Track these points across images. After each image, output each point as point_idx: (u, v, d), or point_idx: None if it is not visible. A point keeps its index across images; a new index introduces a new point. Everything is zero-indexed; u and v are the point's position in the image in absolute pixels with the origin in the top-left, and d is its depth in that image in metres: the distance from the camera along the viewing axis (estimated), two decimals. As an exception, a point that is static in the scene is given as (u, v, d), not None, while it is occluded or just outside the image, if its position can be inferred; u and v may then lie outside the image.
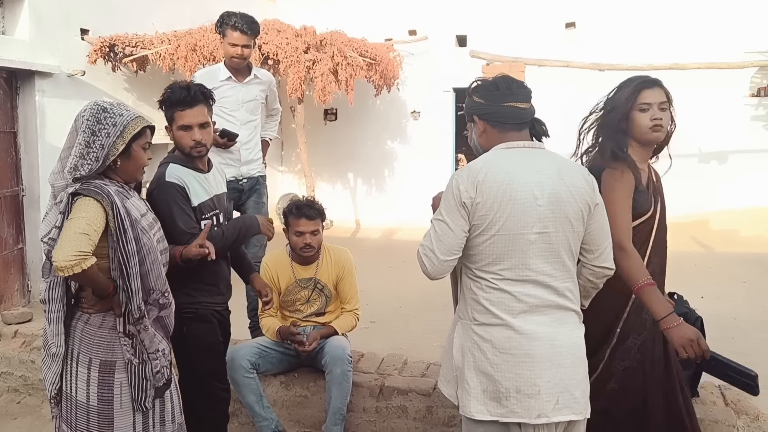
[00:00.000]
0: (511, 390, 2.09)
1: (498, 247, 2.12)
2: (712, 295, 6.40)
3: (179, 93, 2.73)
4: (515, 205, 2.10)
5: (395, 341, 5.33)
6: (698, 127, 9.75)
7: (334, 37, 8.63)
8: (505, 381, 2.10)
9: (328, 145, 11.26)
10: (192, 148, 2.77)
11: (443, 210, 2.17)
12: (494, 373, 2.11)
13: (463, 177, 2.15)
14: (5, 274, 6.72)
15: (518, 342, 2.10)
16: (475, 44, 9.87)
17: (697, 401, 3.19)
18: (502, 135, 2.27)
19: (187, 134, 2.75)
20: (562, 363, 2.11)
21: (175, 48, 7.64)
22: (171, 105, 2.74)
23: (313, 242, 3.48)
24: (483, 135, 2.32)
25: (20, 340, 4.32)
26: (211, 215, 2.84)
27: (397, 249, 9.61)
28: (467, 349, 2.18)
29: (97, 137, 2.24)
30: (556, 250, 2.15)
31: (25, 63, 6.62)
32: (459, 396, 2.20)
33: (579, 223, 2.18)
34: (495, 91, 2.28)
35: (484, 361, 2.13)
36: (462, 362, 2.19)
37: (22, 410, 4.04)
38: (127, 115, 2.33)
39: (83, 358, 2.29)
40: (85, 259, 2.07)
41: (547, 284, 2.14)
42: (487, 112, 2.28)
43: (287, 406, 3.64)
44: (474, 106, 2.32)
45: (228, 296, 3.00)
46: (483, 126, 2.30)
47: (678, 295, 3.32)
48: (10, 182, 6.83)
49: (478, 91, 2.32)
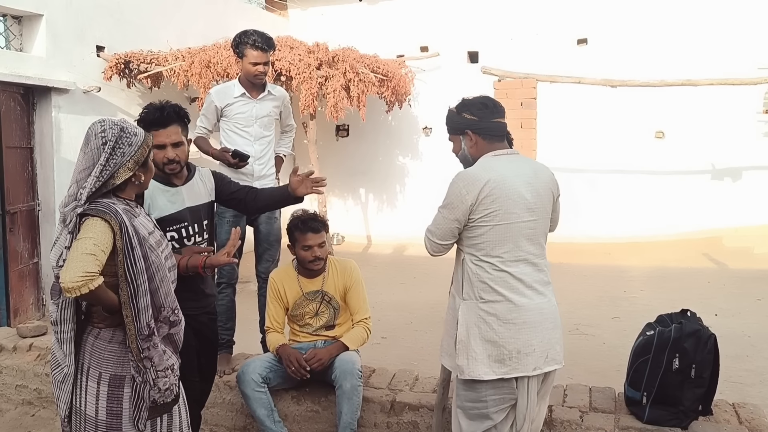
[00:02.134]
0: (513, 352, 2.59)
1: (497, 234, 2.59)
2: (726, 313, 6.36)
3: (153, 114, 2.87)
4: (508, 200, 2.59)
5: (406, 357, 5.32)
6: (711, 143, 9.72)
7: (346, 54, 8.70)
8: (509, 345, 2.58)
9: (340, 161, 11.31)
10: (165, 165, 2.92)
11: (447, 205, 2.65)
12: (499, 340, 2.59)
13: (467, 181, 2.61)
14: (20, 288, 6.79)
15: (518, 313, 2.60)
16: (487, 60, 9.91)
17: (710, 419, 3.16)
18: (489, 145, 2.74)
19: (161, 152, 2.89)
20: (547, 326, 2.65)
21: (189, 65, 7.73)
22: (146, 125, 2.84)
23: (321, 254, 3.52)
24: (474, 146, 2.76)
25: (35, 353, 4.35)
26: (177, 227, 2.96)
27: (409, 265, 9.61)
28: (473, 323, 2.62)
29: (113, 157, 2.27)
30: (538, 234, 2.68)
31: (41, 79, 6.72)
32: (463, 364, 2.63)
33: (551, 209, 2.76)
34: (485, 109, 2.74)
35: (489, 332, 2.60)
36: (467, 336, 2.63)
37: (36, 423, 4.05)
38: (140, 134, 2.37)
39: (93, 372, 2.29)
40: (92, 279, 2.08)
41: (533, 262, 2.65)
42: (479, 127, 2.73)
43: (298, 420, 3.64)
44: (466, 122, 2.75)
45: (202, 303, 3.05)
46: (475, 139, 2.75)
47: (691, 312, 3.31)
48: (26, 197, 6.91)
49: (468, 108, 2.76)
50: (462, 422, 2.73)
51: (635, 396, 3.21)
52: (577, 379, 4.09)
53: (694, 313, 3.30)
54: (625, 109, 9.73)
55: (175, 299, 2.43)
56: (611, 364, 4.75)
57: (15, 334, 4.62)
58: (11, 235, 6.54)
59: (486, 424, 2.67)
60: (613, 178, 10.00)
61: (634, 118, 9.86)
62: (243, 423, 3.77)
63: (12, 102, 6.57)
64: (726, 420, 3.17)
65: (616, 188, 10.00)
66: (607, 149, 9.95)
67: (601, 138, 9.96)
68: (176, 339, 2.46)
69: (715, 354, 3.13)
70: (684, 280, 8.01)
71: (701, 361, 3.07)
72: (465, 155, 2.81)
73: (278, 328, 3.64)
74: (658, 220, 9.77)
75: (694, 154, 9.80)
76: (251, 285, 5.75)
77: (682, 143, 9.86)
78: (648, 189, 9.94)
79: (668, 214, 9.80)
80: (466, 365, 2.63)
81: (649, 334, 3.25)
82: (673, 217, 9.75)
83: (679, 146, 9.88)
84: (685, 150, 9.83)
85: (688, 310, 3.32)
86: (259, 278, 4.31)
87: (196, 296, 3.01)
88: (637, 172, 10.02)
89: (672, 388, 3.07)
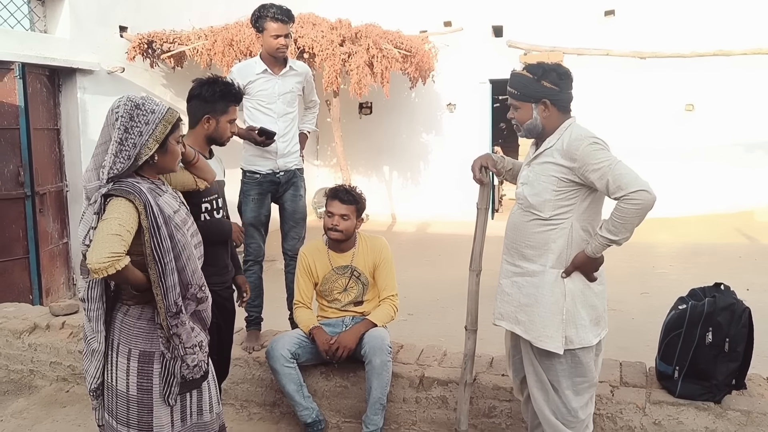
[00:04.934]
0: (603, 311, 2.71)
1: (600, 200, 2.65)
2: (759, 288, 6.26)
3: (233, 89, 3.02)
4: None
5: (433, 333, 5.32)
6: (743, 116, 9.50)
7: (369, 30, 8.63)
8: (601, 304, 2.70)
9: (364, 139, 11.27)
10: (227, 140, 3.09)
11: (610, 156, 2.52)
12: (598, 303, 2.68)
13: (600, 138, 2.58)
14: (51, 268, 6.90)
15: (602, 271, 2.68)
16: (512, 34, 9.77)
17: (743, 393, 3.11)
18: (562, 116, 2.68)
19: (231, 127, 3.06)
20: None
21: (212, 43, 7.73)
22: (229, 98, 2.99)
23: (340, 225, 3.50)
24: (549, 117, 2.68)
25: (68, 331, 4.41)
26: (211, 198, 3.04)
27: (434, 242, 9.60)
28: (578, 292, 2.64)
29: (130, 135, 2.23)
30: None
31: (66, 61, 6.77)
32: (572, 334, 2.62)
33: None
34: (566, 79, 2.66)
35: (592, 296, 2.66)
36: (574, 305, 2.63)
37: (71, 399, 4.13)
38: (159, 111, 2.30)
39: (123, 348, 2.31)
40: (119, 260, 2.09)
41: None
42: (559, 97, 2.65)
43: (327, 396, 3.66)
44: (545, 91, 2.64)
45: (226, 278, 3.13)
46: (551, 109, 2.66)
47: (725, 285, 3.25)
48: (55, 178, 7.00)
49: (548, 76, 2.64)
50: (572, 401, 2.69)
51: (667, 370, 3.16)
52: (606, 354, 4.04)
53: (728, 286, 3.24)
54: (654, 81, 9.54)
55: (202, 276, 2.44)
56: (641, 340, 4.70)
57: (48, 313, 4.69)
58: (41, 216, 6.64)
59: (591, 392, 2.74)
60: (641, 152, 9.82)
61: (664, 91, 9.67)
62: (273, 398, 3.80)
63: (38, 84, 6.63)
64: (760, 394, 3.12)
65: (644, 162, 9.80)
66: (636, 123, 9.78)
67: (629, 112, 9.79)
68: (204, 316, 2.47)
69: (750, 328, 3.07)
70: (715, 255, 7.89)
71: (735, 334, 3.01)
72: (535, 124, 2.71)
73: (307, 302, 3.65)
74: (688, 195, 9.60)
75: (725, 127, 9.59)
76: (278, 264, 5.77)
77: (713, 116, 9.65)
78: (677, 163, 9.76)
79: (698, 188, 9.63)
80: (575, 334, 2.63)
81: (681, 308, 3.19)
82: (703, 192, 9.58)
83: (710, 119, 9.67)
84: (715, 123, 9.63)
85: (722, 284, 3.25)
86: (285, 256, 4.31)
87: (219, 271, 3.04)
88: (667, 145, 9.83)
89: (705, 363, 3.02)
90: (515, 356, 2.95)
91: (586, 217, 2.65)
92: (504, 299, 2.83)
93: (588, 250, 2.60)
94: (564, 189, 2.61)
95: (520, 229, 2.75)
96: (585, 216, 2.65)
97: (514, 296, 2.78)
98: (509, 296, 2.80)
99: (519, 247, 2.75)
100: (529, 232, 2.70)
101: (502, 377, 3.43)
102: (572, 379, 2.70)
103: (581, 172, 2.55)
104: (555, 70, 2.67)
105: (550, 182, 2.63)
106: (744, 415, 2.98)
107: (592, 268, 2.65)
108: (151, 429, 2.30)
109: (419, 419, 3.54)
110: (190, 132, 3.05)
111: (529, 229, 2.70)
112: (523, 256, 2.74)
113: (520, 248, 2.75)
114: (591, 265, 2.64)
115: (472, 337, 3.14)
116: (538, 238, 2.68)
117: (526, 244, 2.72)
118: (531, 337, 2.71)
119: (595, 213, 2.67)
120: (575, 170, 2.57)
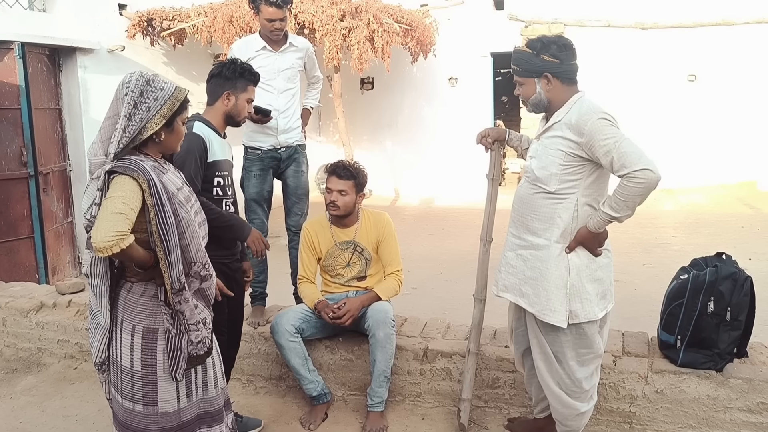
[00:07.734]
0: (610, 286, 2.75)
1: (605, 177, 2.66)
2: (761, 257, 6.28)
3: (253, 70, 3.16)
4: None
5: (437, 306, 5.36)
6: (746, 86, 9.44)
7: (369, 4, 8.56)
8: (608, 278, 2.73)
9: (366, 114, 11.24)
10: (243, 120, 3.23)
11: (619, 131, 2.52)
12: (604, 276, 2.71)
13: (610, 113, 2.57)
14: (57, 247, 6.94)
15: (608, 244, 2.72)
16: (513, 7, 9.68)
17: (745, 361, 3.14)
18: (568, 88, 2.67)
19: (249, 107, 3.21)
20: None
21: (212, 20, 7.67)
22: (249, 77, 3.11)
23: (338, 201, 3.51)
24: (552, 90, 2.67)
25: (74, 309, 4.45)
26: (224, 174, 3.11)
27: (437, 216, 9.62)
28: (583, 266, 2.67)
29: (138, 110, 2.23)
30: None
31: (66, 39, 6.74)
32: (577, 308, 2.66)
33: None
34: (567, 51, 2.65)
35: (597, 270, 2.68)
36: (579, 279, 2.66)
37: (80, 376, 4.18)
38: (168, 89, 2.30)
39: (127, 325, 2.33)
40: (123, 238, 2.09)
41: None
42: (561, 70, 2.64)
43: (333, 369, 3.70)
44: (546, 65, 2.65)
45: (233, 250, 3.19)
46: (554, 82, 2.65)
47: (726, 255, 3.26)
48: (57, 158, 7.01)
49: (548, 49, 2.64)
50: (577, 372, 2.76)
51: (669, 340, 3.19)
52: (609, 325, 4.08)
53: (730, 256, 3.25)
54: (656, 52, 9.47)
55: (205, 254, 2.45)
56: (643, 310, 4.74)
57: (54, 291, 4.73)
58: (45, 195, 6.66)
59: (596, 363, 2.82)
60: (643, 124, 9.78)
61: (666, 62, 9.60)
62: (279, 372, 3.84)
63: (38, 63, 6.61)
64: (762, 362, 3.15)
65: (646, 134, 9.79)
66: (638, 94, 9.73)
67: (631, 83, 9.73)
68: (208, 293, 2.48)
69: (751, 296, 3.08)
70: (717, 226, 7.90)
71: (737, 303, 3.03)
72: (540, 99, 2.72)
73: (311, 277, 3.68)
74: (690, 166, 9.58)
75: (728, 97, 9.53)
76: (281, 240, 5.80)
77: (716, 86, 9.59)
78: (679, 134, 9.73)
79: (700, 159, 9.60)
80: (581, 308, 2.66)
81: (683, 277, 3.21)
82: (706, 163, 9.56)
83: (712, 90, 9.61)
84: (718, 93, 9.57)
85: (724, 253, 3.26)
86: (289, 232, 4.33)
87: (229, 244, 3.12)
88: (669, 116, 9.79)
89: (707, 331, 3.04)
90: (518, 328, 2.98)
91: (591, 192, 2.65)
92: (508, 271, 2.86)
93: (590, 225, 2.61)
94: (570, 163, 2.62)
95: (527, 202, 2.76)
96: (590, 191, 2.65)
97: (519, 268, 2.80)
98: (514, 268, 2.83)
99: (525, 221, 2.77)
100: (536, 205, 2.72)
101: (506, 348, 3.46)
102: (576, 350, 2.74)
103: (588, 146, 2.55)
104: (555, 42, 2.66)
105: (557, 156, 2.64)
106: (746, 383, 3.02)
107: (595, 243, 2.66)
108: (156, 404, 2.33)
109: (423, 391, 3.58)
110: (208, 109, 3.16)
111: (536, 202, 2.72)
112: (529, 229, 2.76)
113: (527, 221, 2.77)
114: (593, 240, 2.65)
115: (479, 306, 3.18)
116: (545, 212, 2.70)
117: (532, 217, 2.74)
118: (535, 311, 2.74)
119: (600, 189, 2.68)
120: (582, 145, 2.57)
